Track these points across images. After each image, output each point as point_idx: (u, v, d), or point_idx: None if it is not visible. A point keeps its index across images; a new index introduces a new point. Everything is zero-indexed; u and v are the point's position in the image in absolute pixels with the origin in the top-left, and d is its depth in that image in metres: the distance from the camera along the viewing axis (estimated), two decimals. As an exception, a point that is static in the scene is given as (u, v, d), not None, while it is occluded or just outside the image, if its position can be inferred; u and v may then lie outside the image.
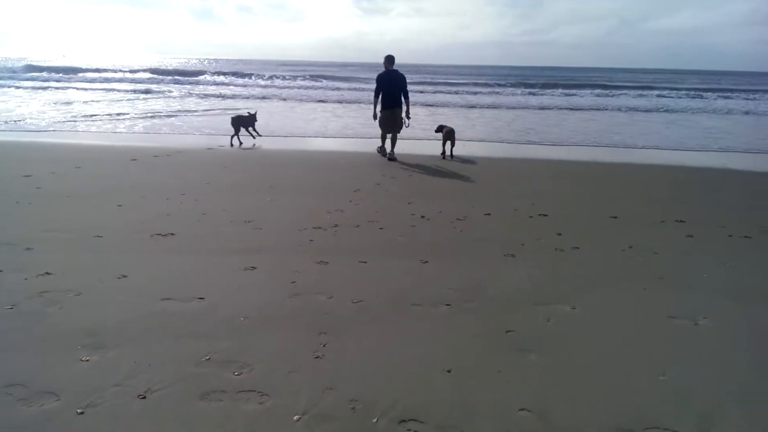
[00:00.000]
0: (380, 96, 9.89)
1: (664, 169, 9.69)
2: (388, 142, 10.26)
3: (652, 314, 3.60)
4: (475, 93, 28.32)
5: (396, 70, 9.97)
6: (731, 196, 7.62)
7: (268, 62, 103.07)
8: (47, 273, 3.93)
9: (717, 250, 5.10)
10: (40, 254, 4.36)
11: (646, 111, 21.72)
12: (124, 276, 3.94)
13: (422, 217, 5.96)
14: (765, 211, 6.67)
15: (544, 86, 33.67)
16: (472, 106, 21.91)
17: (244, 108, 17.11)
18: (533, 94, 28.77)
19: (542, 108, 21.80)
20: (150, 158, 9.10)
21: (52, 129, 12.90)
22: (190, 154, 9.80)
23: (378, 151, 10.47)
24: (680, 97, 28.30)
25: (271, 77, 35.86)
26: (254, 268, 4.20)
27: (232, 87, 29.12)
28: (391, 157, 9.93)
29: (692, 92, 31.27)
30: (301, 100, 22.35)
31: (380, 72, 10.01)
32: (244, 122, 11.44)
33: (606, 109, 21.80)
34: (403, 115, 10.04)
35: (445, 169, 9.08)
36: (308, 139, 12.43)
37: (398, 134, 10.20)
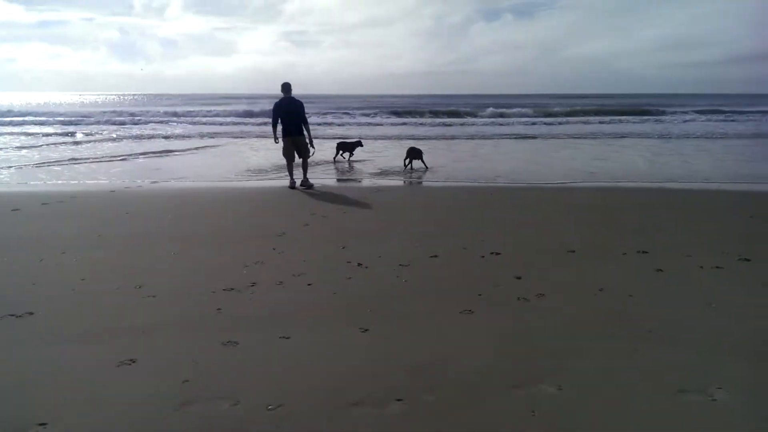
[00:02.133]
0: (279, 124, 9.68)
1: (610, 192, 9.31)
2: (296, 171, 9.87)
3: (657, 390, 2.81)
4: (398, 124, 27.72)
5: (294, 98, 9.72)
6: (686, 218, 7.21)
7: (194, 96, 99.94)
8: None
9: (694, 288, 4.48)
10: None
11: (581, 137, 21.96)
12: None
13: (359, 264, 5.02)
14: (728, 235, 6.23)
15: (476, 114, 33.59)
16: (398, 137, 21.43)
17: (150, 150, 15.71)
18: (471, 124, 28.19)
19: (481, 136, 21.48)
20: (37, 207, 7.68)
21: None
22: (88, 199, 8.42)
23: (290, 188, 9.59)
24: (610, 122, 28.38)
25: (194, 114, 33.47)
26: (133, 361, 3.08)
27: (154, 125, 26.96)
28: (307, 185, 9.57)
29: (618, 116, 31.74)
30: (230, 136, 20.87)
31: (278, 100, 9.74)
32: (345, 147, 13.50)
33: (541, 137, 21.85)
34: (308, 143, 9.87)
35: (384, 204, 8.23)
36: (228, 177, 11.23)
37: (308, 160, 9.96)
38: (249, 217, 7.40)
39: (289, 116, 9.58)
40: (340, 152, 13.49)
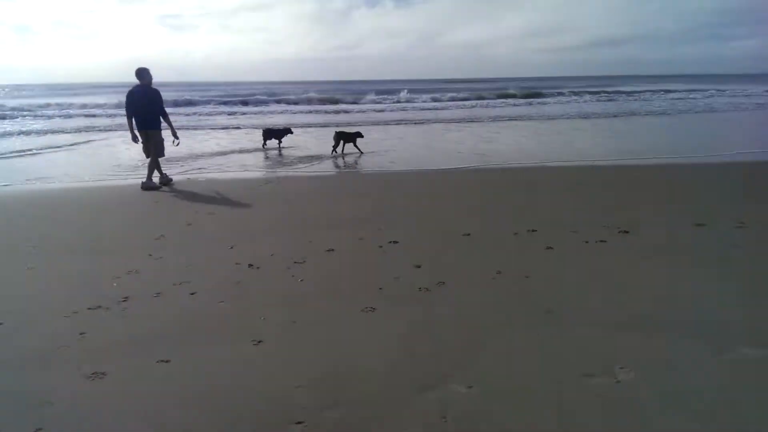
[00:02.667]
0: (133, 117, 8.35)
1: (498, 173, 9.57)
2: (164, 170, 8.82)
3: (563, 376, 2.77)
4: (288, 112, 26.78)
5: (149, 86, 8.41)
6: (569, 195, 7.55)
7: (58, 86, 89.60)
8: None
9: (582, 263, 4.62)
10: None
11: (469, 121, 22.66)
12: None
13: (250, 266, 4.62)
14: (607, 208, 6.58)
15: (361, 100, 33.18)
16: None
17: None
18: (359, 111, 27.60)
19: (372, 122, 21.24)
20: None
21: None
22: None
23: (162, 184, 8.61)
24: (488, 106, 29.27)
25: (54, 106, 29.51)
26: (-35, 414, 2.50)
27: (9, 121, 23.22)
28: (147, 186, 8.32)
29: (499, 99, 32.99)
30: (101, 130, 18.74)
31: (131, 88, 8.39)
32: (274, 134, 13.39)
33: (428, 122, 22.21)
34: (171, 136, 8.71)
35: (275, 196, 7.79)
36: (99, 176, 10.09)
37: (159, 159, 8.66)
38: (122, 219, 6.63)
39: (143, 108, 8.31)
40: (269, 140, 13.32)
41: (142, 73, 8.33)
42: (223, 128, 18.63)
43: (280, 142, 13.44)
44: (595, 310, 3.61)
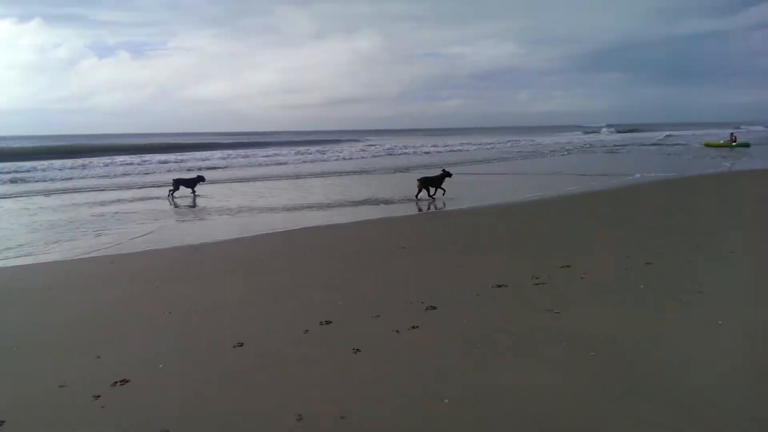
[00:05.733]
0: None
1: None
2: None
3: None
4: None
5: None
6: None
7: None
8: None
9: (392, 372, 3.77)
10: None
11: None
12: None
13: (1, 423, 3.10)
14: (406, 281, 5.99)
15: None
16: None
17: None
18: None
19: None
20: None
21: None
22: None
23: None
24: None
25: None
26: None
27: None
28: None
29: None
30: None
31: None
32: (185, 183, 14.10)
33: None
34: None
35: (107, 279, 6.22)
36: None
37: None
38: None
39: None
40: (178, 189, 13.54)
41: None
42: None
43: (193, 191, 13.66)
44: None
